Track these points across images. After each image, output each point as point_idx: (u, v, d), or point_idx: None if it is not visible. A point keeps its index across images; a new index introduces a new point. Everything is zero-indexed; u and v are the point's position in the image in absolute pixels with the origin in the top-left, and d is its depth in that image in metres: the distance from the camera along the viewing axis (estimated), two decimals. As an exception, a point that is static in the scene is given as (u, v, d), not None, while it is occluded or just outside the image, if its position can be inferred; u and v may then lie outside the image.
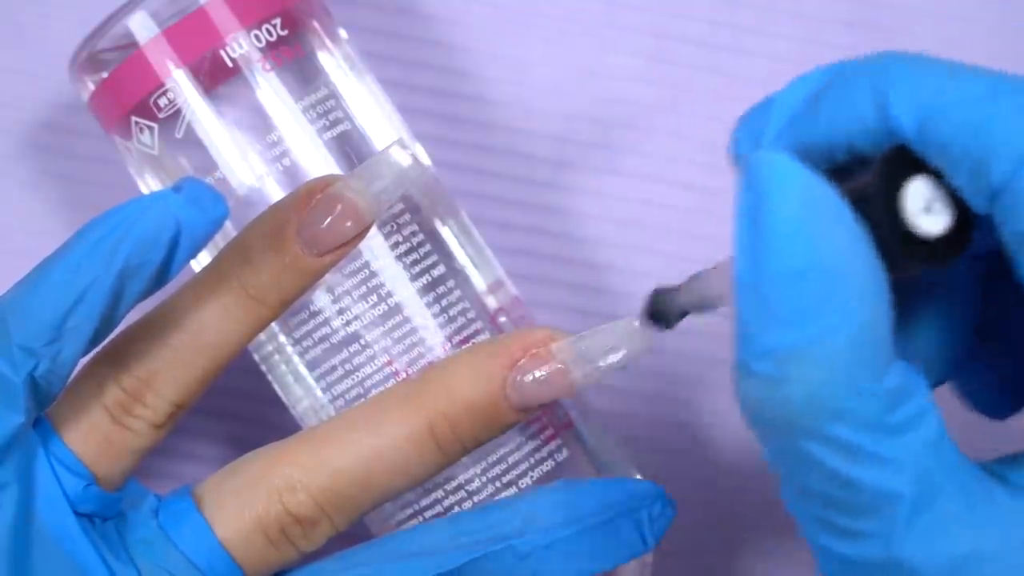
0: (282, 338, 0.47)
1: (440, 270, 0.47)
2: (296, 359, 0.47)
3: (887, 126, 0.33)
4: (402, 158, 0.43)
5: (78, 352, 0.40)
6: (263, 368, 0.48)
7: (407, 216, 0.47)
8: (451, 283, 0.47)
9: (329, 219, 0.42)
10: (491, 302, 0.48)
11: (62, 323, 0.40)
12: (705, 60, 0.54)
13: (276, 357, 0.47)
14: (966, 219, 0.33)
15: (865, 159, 0.34)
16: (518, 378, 0.42)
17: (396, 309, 0.46)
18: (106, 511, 0.42)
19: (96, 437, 0.42)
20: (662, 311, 0.39)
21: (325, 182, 0.43)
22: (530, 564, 0.42)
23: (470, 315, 0.47)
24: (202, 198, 0.40)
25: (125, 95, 0.46)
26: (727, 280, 0.36)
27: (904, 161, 0.33)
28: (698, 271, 0.38)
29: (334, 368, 0.46)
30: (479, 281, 0.48)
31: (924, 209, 0.33)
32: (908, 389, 0.32)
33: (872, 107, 0.33)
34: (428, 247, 0.47)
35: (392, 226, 0.47)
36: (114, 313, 0.40)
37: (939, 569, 0.32)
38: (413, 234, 0.47)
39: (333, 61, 0.47)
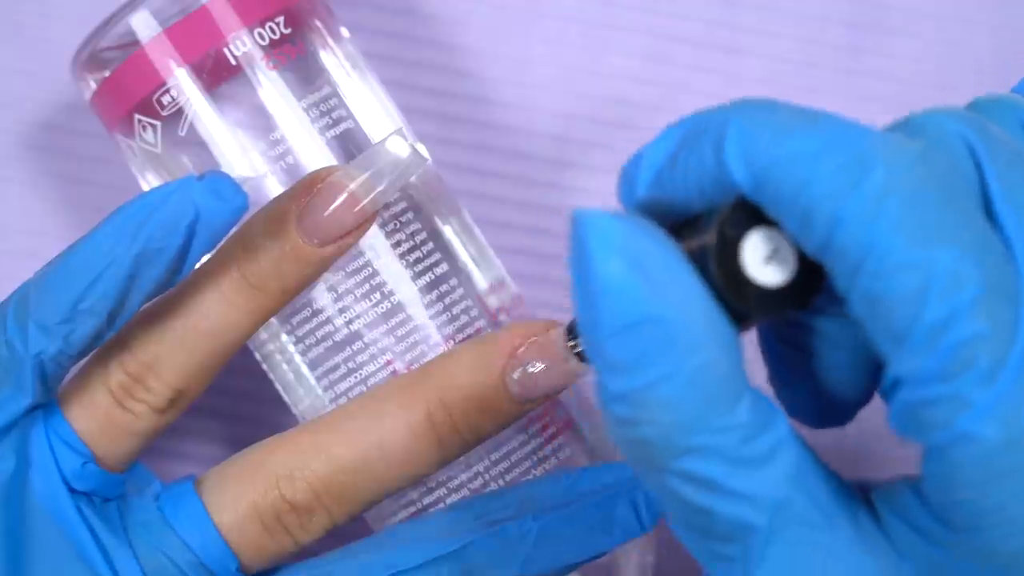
0: (284, 337, 0.47)
1: (442, 268, 0.47)
2: (298, 358, 0.47)
3: (727, 180, 0.34)
4: (401, 148, 0.43)
5: (89, 335, 0.41)
6: (265, 367, 0.48)
7: (409, 215, 0.47)
8: (453, 281, 0.47)
9: (329, 208, 0.42)
10: (492, 301, 0.48)
11: (77, 303, 0.41)
12: (705, 60, 0.54)
13: (278, 356, 0.47)
14: (813, 268, 0.34)
15: (710, 211, 0.34)
16: (515, 364, 0.43)
17: (398, 308, 0.46)
18: (107, 491, 0.43)
19: (98, 417, 0.43)
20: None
21: (327, 172, 0.43)
22: (524, 546, 0.42)
23: (472, 314, 0.47)
24: (222, 187, 0.41)
25: (127, 94, 0.46)
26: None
27: (747, 213, 0.34)
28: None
29: (336, 367, 0.46)
30: (480, 280, 0.48)
31: (765, 260, 0.34)
32: (761, 423, 0.33)
33: (714, 162, 0.34)
34: (431, 245, 0.47)
35: (395, 224, 0.47)
36: (128, 297, 0.41)
37: None
38: (416, 232, 0.47)
39: (335, 60, 0.47)
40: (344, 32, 0.48)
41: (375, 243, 0.46)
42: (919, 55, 0.54)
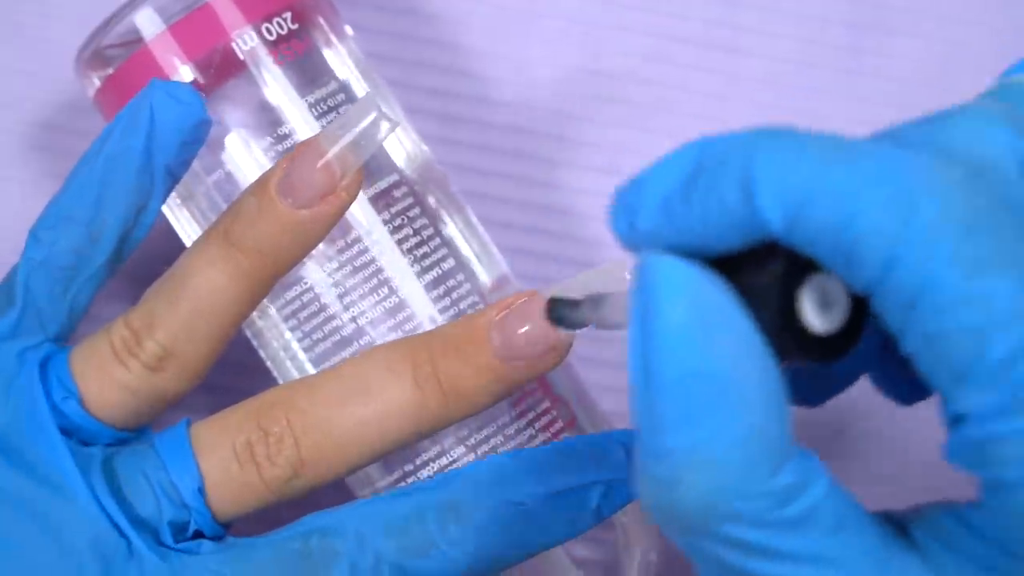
0: (288, 334, 0.47)
1: (448, 264, 0.47)
2: (302, 355, 0.47)
3: (758, 222, 0.32)
4: (369, 110, 0.43)
5: (71, 248, 0.44)
6: (269, 365, 0.48)
7: (415, 211, 0.47)
8: (459, 277, 0.47)
9: (299, 166, 0.43)
10: (496, 298, 0.48)
11: (60, 209, 0.44)
12: (705, 60, 0.54)
13: (282, 354, 0.47)
14: (859, 305, 0.33)
15: (755, 249, 0.33)
16: (501, 321, 0.42)
17: (403, 303, 0.46)
18: (89, 435, 0.43)
19: (93, 362, 0.43)
20: (562, 319, 0.39)
21: (313, 136, 0.43)
22: (510, 474, 0.42)
23: (479, 309, 0.47)
24: (178, 91, 0.43)
25: (131, 91, 0.46)
26: (623, 311, 0.37)
27: (798, 259, 0.32)
28: (601, 294, 0.38)
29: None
30: (484, 276, 0.48)
31: (820, 307, 0.33)
32: (803, 483, 0.32)
33: (740, 200, 0.32)
34: (436, 241, 0.47)
35: (400, 220, 0.47)
36: (103, 206, 0.43)
37: None
38: (421, 228, 0.47)
39: (339, 57, 0.48)
40: (348, 30, 0.49)
41: (380, 239, 0.46)
42: (920, 55, 0.54)
